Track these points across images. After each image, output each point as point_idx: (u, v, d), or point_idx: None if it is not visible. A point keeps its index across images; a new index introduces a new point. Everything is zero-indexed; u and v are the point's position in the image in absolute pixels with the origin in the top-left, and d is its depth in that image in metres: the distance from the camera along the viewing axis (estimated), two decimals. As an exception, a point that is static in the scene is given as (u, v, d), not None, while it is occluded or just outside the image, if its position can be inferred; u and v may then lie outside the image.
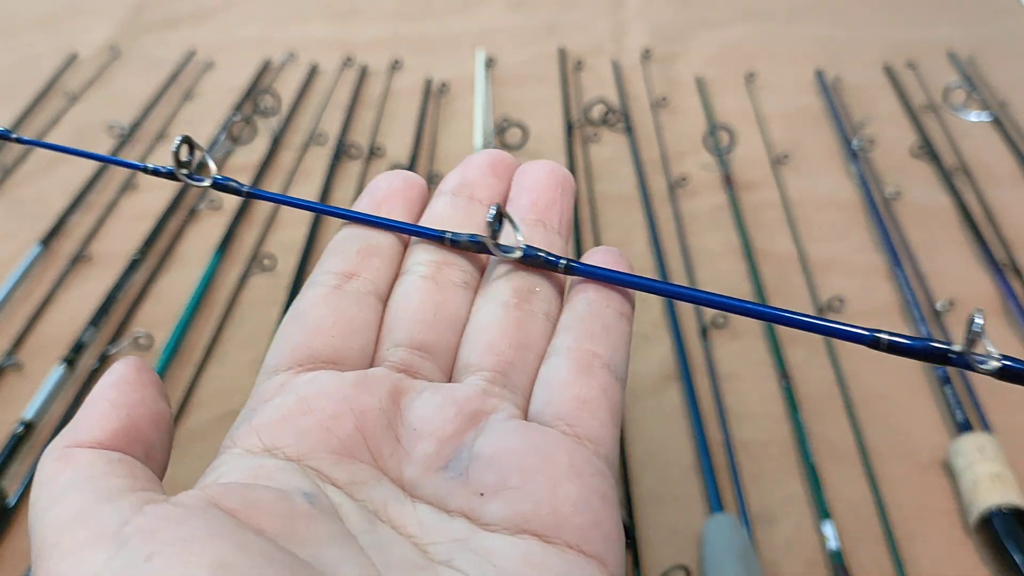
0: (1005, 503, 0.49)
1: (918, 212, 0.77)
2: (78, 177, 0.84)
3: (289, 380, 0.23)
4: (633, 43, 1.04)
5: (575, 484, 0.21)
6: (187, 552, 0.17)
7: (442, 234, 0.26)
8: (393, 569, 0.19)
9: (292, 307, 0.26)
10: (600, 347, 0.24)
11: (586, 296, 0.26)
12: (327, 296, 0.25)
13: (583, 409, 0.23)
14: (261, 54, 1.04)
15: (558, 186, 0.28)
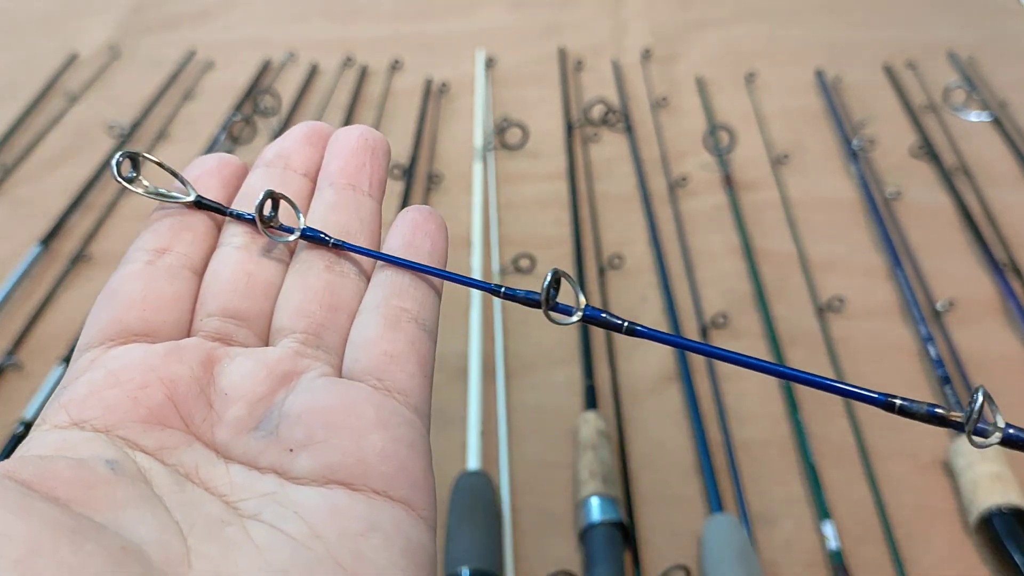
0: (1005, 503, 0.50)
1: (918, 212, 0.77)
2: (78, 177, 0.84)
3: (99, 356, 0.24)
4: (633, 43, 1.04)
5: (380, 434, 0.22)
6: None
7: (498, 288, 0.26)
8: (196, 526, 0.20)
9: (105, 286, 0.26)
10: (408, 302, 0.25)
11: (394, 251, 0.27)
12: (139, 272, 0.26)
13: (391, 363, 0.24)
14: (261, 54, 1.04)
15: (367, 149, 0.29)
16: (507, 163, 0.85)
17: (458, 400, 0.60)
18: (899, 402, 0.21)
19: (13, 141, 0.91)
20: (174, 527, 0.19)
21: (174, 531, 0.19)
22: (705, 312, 0.66)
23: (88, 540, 0.17)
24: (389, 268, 0.26)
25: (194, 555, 0.19)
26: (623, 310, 0.68)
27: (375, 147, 0.30)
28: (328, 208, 0.28)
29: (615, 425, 0.58)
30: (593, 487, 0.52)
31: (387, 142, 0.30)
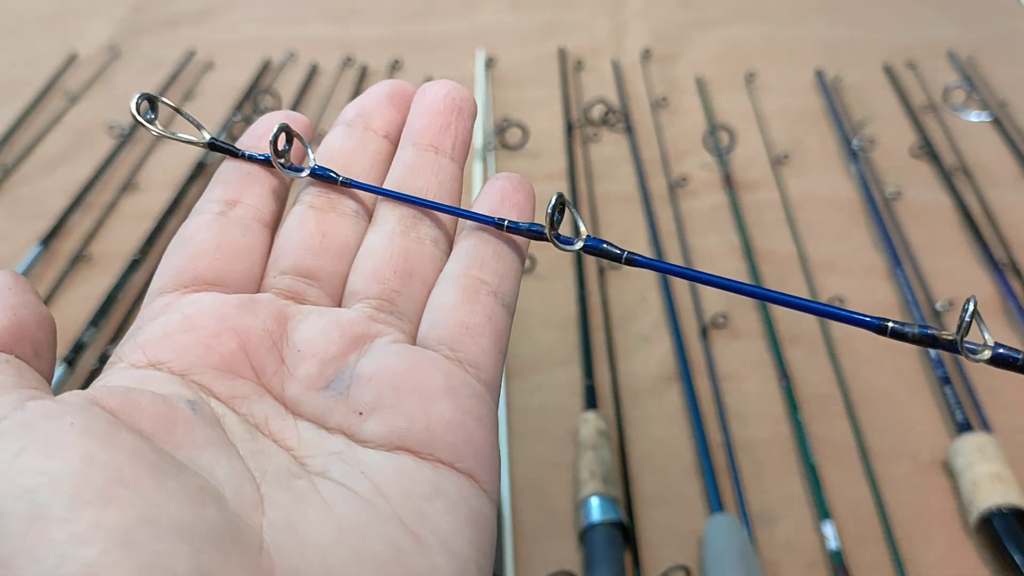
0: (1005, 503, 0.49)
1: (918, 212, 0.77)
2: (78, 177, 0.84)
3: (174, 301, 0.24)
4: (633, 43, 1.04)
5: (448, 404, 0.22)
6: (57, 446, 0.17)
7: (500, 221, 0.26)
8: (268, 475, 0.20)
9: (177, 233, 0.26)
10: (488, 274, 0.25)
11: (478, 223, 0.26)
12: (211, 222, 0.26)
13: (466, 335, 0.24)
14: (261, 54, 1.04)
15: (454, 109, 0.28)
16: (507, 163, 0.85)
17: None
18: (891, 324, 0.21)
19: (13, 141, 0.91)
20: (247, 474, 0.19)
21: (247, 478, 0.19)
22: (705, 312, 0.66)
23: (170, 476, 0.17)
24: (473, 236, 0.26)
25: (267, 503, 0.19)
26: (623, 310, 0.68)
27: (462, 107, 0.28)
28: (407, 169, 0.27)
29: (615, 425, 0.58)
30: (593, 487, 0.52)
31: (475, 101, 0.29)
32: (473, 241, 0.26)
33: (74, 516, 0.16)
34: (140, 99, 0.25)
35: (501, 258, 0.25)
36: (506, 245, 0.26)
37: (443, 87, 0.28)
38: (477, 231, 0.26)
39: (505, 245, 0.26)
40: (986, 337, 0.20)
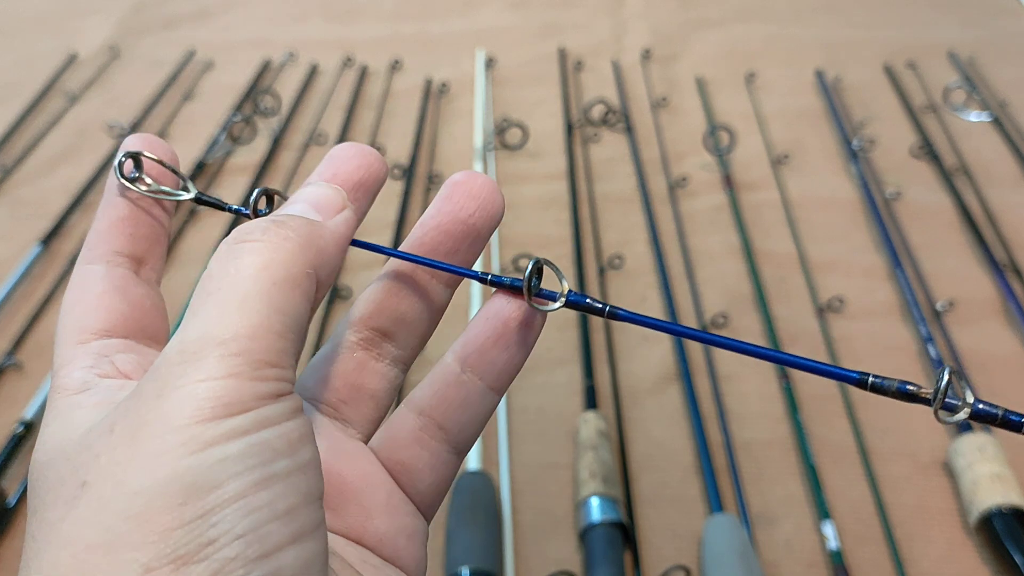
0: (1005, 503, 0.49)
1: (918, 212, 0.77)
2: (78, 177, 0.84)
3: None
4: (633, 43, 1.04)
5: (384, 521, 0.23)
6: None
7: (484, 276, 0.25)
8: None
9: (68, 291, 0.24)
10: (451, 424, 0.24)
11: (463, 361, 0.24)
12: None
13: (409, 473, 0.24)
14: (261, 54, 1.04)
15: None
16: (507, 163, 0.85)
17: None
18: (871, 379, 0.21)
19: (13, 141, 0.91)
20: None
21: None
22: (705, 312, 0.66)
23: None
24: (448, 372, 0.24)
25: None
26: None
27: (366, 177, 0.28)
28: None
29: (615, 425, 0.58)
30: (593, 487, 0.52)
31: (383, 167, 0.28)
32: (450, 379, 0.24)
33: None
34: (125, 158, 0.24)
35: (469, 406, 0.24)
36: (482, 393, 0.24)
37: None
38: (456, 374, 0.24)
39: (480, 393, 0.24)
40: (967, 395, 0.20)
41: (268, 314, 0.18)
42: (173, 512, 0.16)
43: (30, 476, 0.19)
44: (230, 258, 0.19)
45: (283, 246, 0.19)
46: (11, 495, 0.54)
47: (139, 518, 0.16)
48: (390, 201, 0.80)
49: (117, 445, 0.17)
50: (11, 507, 0.54)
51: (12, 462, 0.56)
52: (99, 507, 0.16)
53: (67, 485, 0.17)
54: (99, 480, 0.17)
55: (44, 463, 0.19)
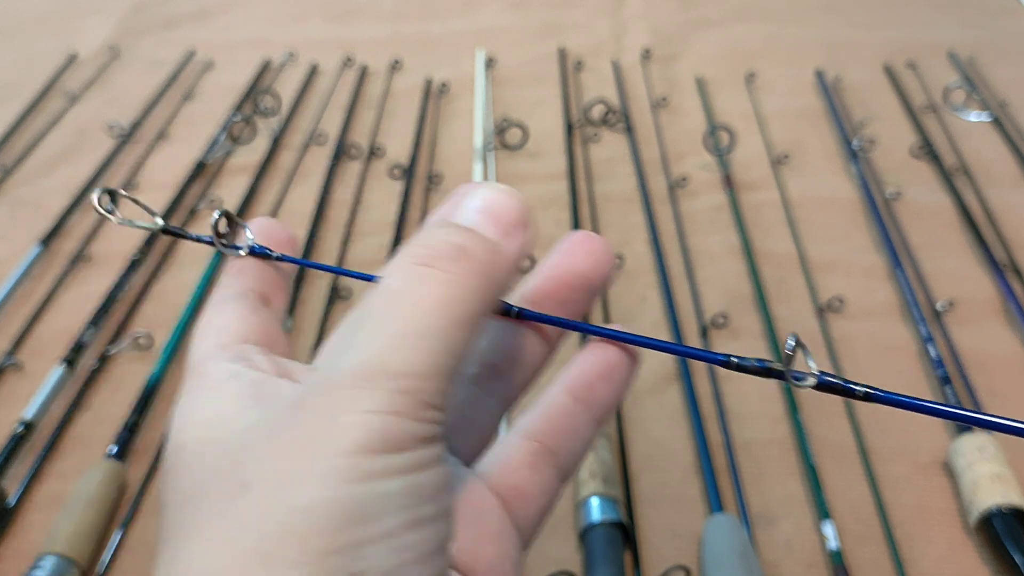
0: (1005, 503, 0.49)
1: (918, 212, 0.77)
2: (78, 177, 0.84)
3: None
4: (633, 43, 1.04)
5: (493, 548, 0.22)
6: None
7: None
8: None
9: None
10: (562, 451, 0.24)
11: (574, 391, 0.25)
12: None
13: (520, 498, 0.24)
14: (261, 54, 1.04)
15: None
16: (507, 163, 0.85)
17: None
18: (733, 359, 0.23)
19: (13, 141, 0.91)
20: None
21: None
22: (705, 312, 0.66)
23: None
24: (558, 401, 0.25)
25: None
26: (623, 310, 0.68)
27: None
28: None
29: (615, 425, 0.58)
30: (593, 487, 0.52)
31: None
32: (561, 406, 0.25)
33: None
34: (102, 193, 0.26)
35: (579, 434, 0.25)
36: (590, 424, 0.25)
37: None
38: (568, 400, 0.25)
39: (589, 423, 0.25)
40: (811, 366, 0.22)
41: (442, 355, 0.18)
42: (330, 536, 0.16)
43: (171, 453, 0.20)
44: (413, 281, 0.19)
45: (468, 283, 0.19)
46: (11, 495, 0.54)
47: (298, 535, 0.16)
48: (390, 201, 0.80)
49: (282, 455, 0.17)
50: (11, 507, 0.53)
51: (12, 462, 0.56)
52: (259, 513, 0.17)
53: (225, 480, 0.18)
54: (261, 485, 0.17)
55: (190, 447, 0.19)
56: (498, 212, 0.21)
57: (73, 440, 0.59)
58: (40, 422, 0.59)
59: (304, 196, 0.81)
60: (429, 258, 0.19)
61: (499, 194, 0.21)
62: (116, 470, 0.54)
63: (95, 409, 0.61)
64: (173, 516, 0.18)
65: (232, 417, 0.19)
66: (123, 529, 0.52)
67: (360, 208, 0.80)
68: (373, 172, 0.85)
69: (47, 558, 0.48)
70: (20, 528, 0.53)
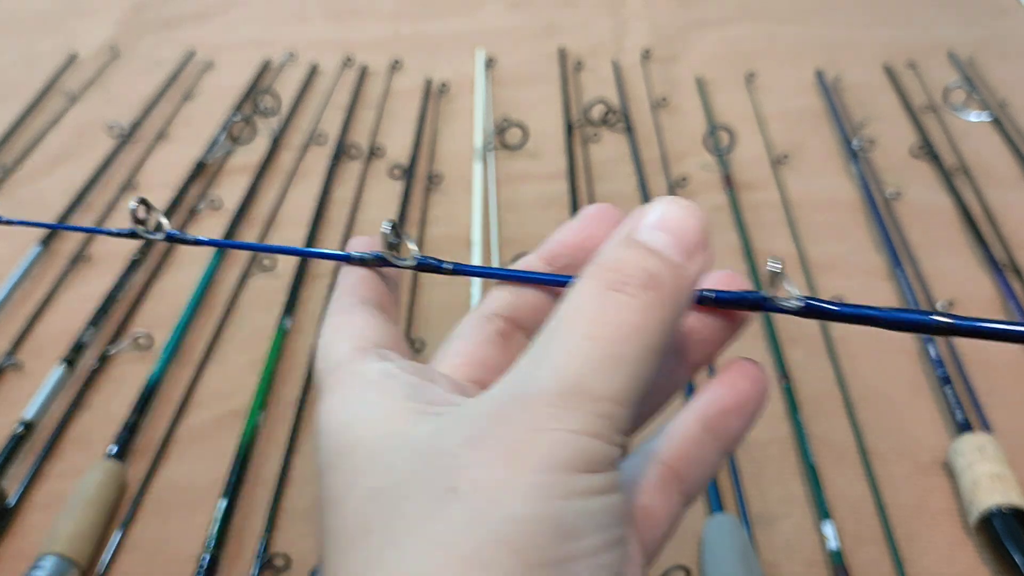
0: (1005, 503, 0.49)
1: (918, 212, 0.77)
2: (78, 177, 0.84)
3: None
4: (633, 43, 1.04)
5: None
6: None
7: (347, 255, 0.26)
8: None
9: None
10: (689, 478, 0.23)
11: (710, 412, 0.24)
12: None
13: (649, 519, 0.23)
14: (261, 54, 1.04)
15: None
16: (507, 163, 0.85)
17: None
18: (709, 294, 0.24)
19: (13, 141, 0.91)
20: None
21: None
22: (705, 312, 0.66)
23: None
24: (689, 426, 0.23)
25: None
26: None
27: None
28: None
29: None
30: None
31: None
32: (693, 435, 0.23)
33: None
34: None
35: (706, 463, 0.23)
36: (719, 452, 0.23)
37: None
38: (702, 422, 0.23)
39: (718, 451, 0.23)
40: (791, 291, 0.23)
41: (635, 382, 0.19)
42: (542, 549, 0.17)
43: (335, 450, 0.20)
44: (608, 306, 0.19)
45: (657, 312, 0.19)
46: (11, 495, 0.54)
47: (512, 545, 0.16)
48: (390, 201, 0.80)
49: (490, 464, 0.17)
50: (11, 507, 0.53)
51: (12, 462, 0.56)
52: (473, 519, 0.17)
53: (427, 483, 0.18)
54: (472, 492, 0.17)
55: (365, 445, 0.19)
56: (682, 232, 0.21)
57: (73, 440, 0.59)
58: (40, 422, 0.59)
59: (304, 196, 0.81)
60: (620, 283, 0.19)
61: (683, 212, 0.21)
62: (116, 470, 0.54)
63: (95, 409, 0.61)
64: (357, 513, 0.18)
65: (401, 417, 0.20)
66: (123, 529, 0.52)
67: (360, 208, 0.80)
68: (373, 172, 0.85)
69: (47, 558, 0.48)
70: (20, 528, 0.53)
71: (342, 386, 0.22)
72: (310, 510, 0.54)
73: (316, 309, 0.68)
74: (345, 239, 0.75)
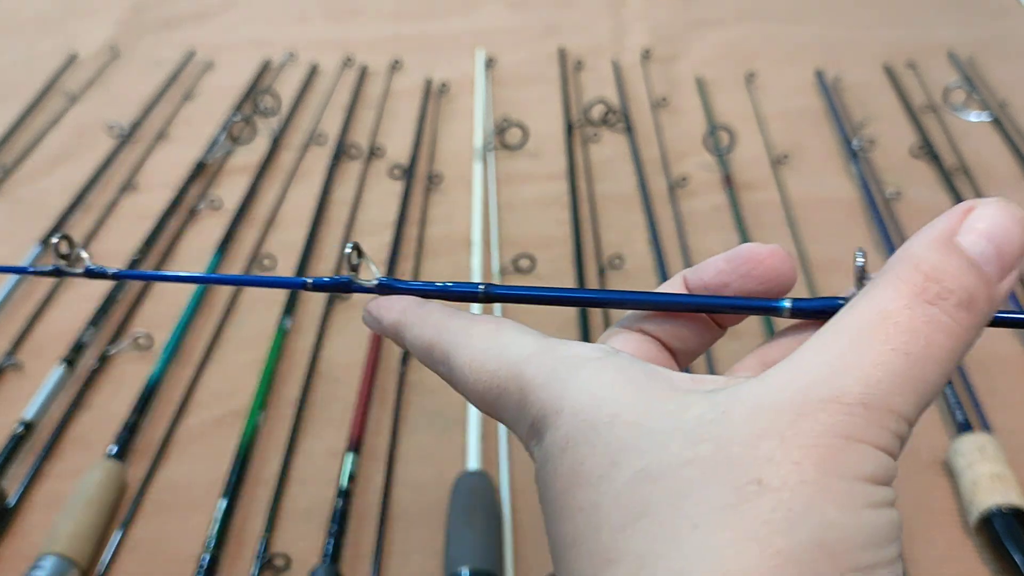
0: (1005, 503, 0.49)
1: (918, 212, 0.77)
2: (78, 177, 0.84)
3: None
4: (633, 43, 1.04)
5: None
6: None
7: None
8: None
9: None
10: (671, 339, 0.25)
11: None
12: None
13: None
14: (261, 54, 1.04)
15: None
16: (507, 163, 0.85)
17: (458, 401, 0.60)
18: (310, 281, 0.26)
19: (13, 141, 0.90)
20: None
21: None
22: (705, 312, 0.66)
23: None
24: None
25: None
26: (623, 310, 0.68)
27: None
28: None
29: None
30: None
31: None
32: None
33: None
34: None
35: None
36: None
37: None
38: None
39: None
40: (373, 269, 0.26)
41: (923, 405, 0.19)
42: (854, 555, 0.17)
43: (575, 421, 0.19)
44: (923, 321, 0.18)
45: (967, 339, 0.19)
46: (11, 495, 0.54)
47: (829, 548, 0.17)
48: (390, 201, 0.80)
49: (802, 463, 0.17)
50: (11, 507, 0.53)
51: (12, 462, 0.56)
52: (788, 518, 0.17)
53: (724, 472, 0.17)
54: (784, 489, 0.17)
55: (611, 418, 0.19)
56: (1005, 245, 0.19)
57: (73, 440, 0.59)
58: (40, 422, 0.59)
59: (304, 196, 0.81)
60: (938, 297, 0.18)
61: (1010, 221, 0.19)
62: (116, 470, 0.54)
63: (95, 409, 0.61)
64: (627, 493, 0.18)
65: (661, 396, 0.19)
66: (123, 529, 0.52)
67: (360, 208, 0.80)
68: (373, 172, 0.85)
69: (47, 558, 0.48)
70: (20, 528, 0.53)
71: (565, 364, 0.21)
72: (310, 510, 0.54)
73: (316, 309, 0.68)
74: (345, 239, 0.75)
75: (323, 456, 0.57)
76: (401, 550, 0.52)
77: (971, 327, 0.19)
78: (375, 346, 0.64)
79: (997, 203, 0.19)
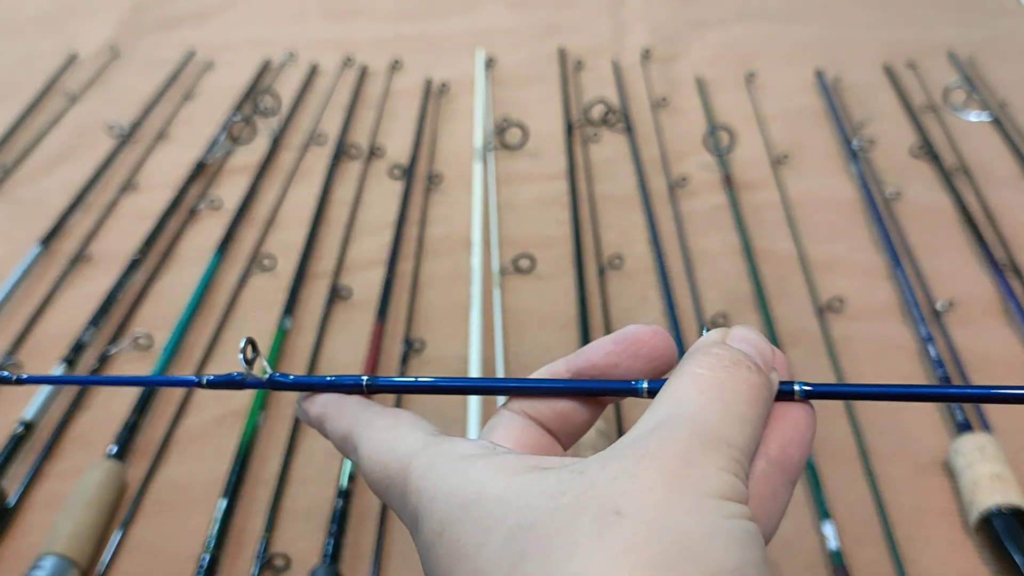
0: (1005, 503, 0.49)
1: (918, 212, 0.77)
2: (78, 177, 0.84)
3: None
4: (633, 43, 1.04)
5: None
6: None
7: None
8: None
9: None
10: (761, 515, 0.23)
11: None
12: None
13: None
14: (261, 54, 1.04)
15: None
16: (507, 163, 0.85)
17: (458, 401, 0.60)
18: (206, 379, 0.28)
19: (13, 141, 0.91)
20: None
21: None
22: (705, 312, 0.66)
23: None
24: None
25: None
26: (623, 310, 0.68)
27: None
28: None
29: (615, 425, 0.58)
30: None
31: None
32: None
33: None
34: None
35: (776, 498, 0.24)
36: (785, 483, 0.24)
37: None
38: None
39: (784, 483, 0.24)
40: (265, 365, 0.28)
41: (753, 441, 0.22)
42: (720, 556, 0.18)
43: (447, 507, 0.21)
44: (728, 376, 0.22)
45: (767, 392, 0.23)
46: (11, 495, 0.54)
47: (694, 552, 0.18)
48: (390, 201, 0.80)
49: (652, 489, 0.19)
50: (11, 507, 0.53)
51: (12, 462, 0.56)
52: (650, 533, 0.18)
53: (588, 509, 0.19)
54: (641, 511, 0.19)
55: (478, 496, 0.21)
56: (761, 350, 0.24)
57: (73, 440, 0.59)
58: (40, 422, 0.59)
59: (304, 196, 0.81)
60: (733, 362, 0.23)
61: (759, 339, 0.24)
62: (116, 470, 0.54)
63: (95, 409, 0.61)
64: (504, 549, 0.19)
65: (521, 473, 0.21)
66: (123, 529, 0.52)
67: (360, 208, 0.80)
68: (373, 172, 0.85)
69: (47, 558, 0.48)
70: (20, 528, 0.53)
71: (443, 458, 0.23)
72: (310, 510, 0.54)
73: (316, 309, 0.68)
74: (345, 239, 0.75)
75: (323, 456, 0.57)
76: (401, 550, 0.52)
77: (761, 384, 0.23)
78: (375, 346, 0.64)
79: (752, 331, 0.25)
